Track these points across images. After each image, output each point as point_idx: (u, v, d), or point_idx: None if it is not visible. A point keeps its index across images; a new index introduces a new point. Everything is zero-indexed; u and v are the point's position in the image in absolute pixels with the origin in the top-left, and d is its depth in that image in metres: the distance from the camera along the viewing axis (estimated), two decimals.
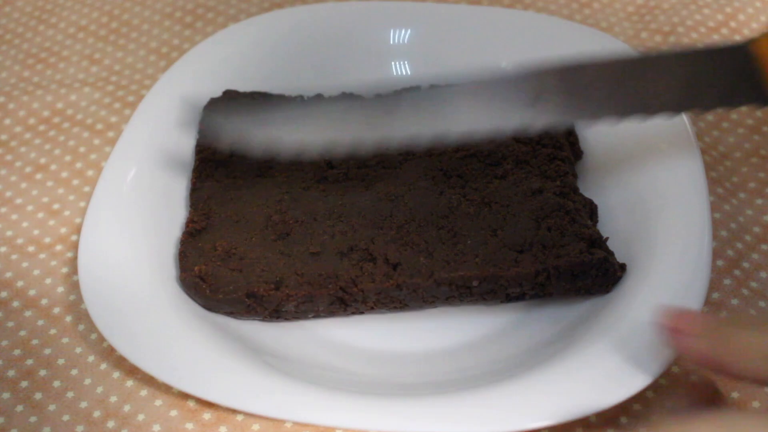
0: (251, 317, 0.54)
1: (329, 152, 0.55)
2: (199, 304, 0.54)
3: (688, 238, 0.51)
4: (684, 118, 0.58)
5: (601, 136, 0.61)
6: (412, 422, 0.46)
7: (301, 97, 0.65)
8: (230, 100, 0.64)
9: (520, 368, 0.49)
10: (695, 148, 0.56)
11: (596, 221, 0.57)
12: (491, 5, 0.74)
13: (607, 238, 0.54)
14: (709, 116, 0.66)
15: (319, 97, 0.64)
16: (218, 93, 0.64)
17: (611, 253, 0.53)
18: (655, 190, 0.55)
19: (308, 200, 0.57)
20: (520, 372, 0.49)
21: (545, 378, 0.47)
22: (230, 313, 0.54)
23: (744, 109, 0.60)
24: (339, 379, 0.51)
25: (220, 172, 0.60)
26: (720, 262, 0.56)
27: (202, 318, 0.53)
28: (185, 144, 0.62)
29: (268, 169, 0.60)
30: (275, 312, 0.53)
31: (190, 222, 0.57)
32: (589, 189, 0.58)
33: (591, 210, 0.57)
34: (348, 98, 0.61)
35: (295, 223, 0.56)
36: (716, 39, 0.72)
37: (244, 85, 0.65)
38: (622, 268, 0.53)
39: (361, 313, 0.54)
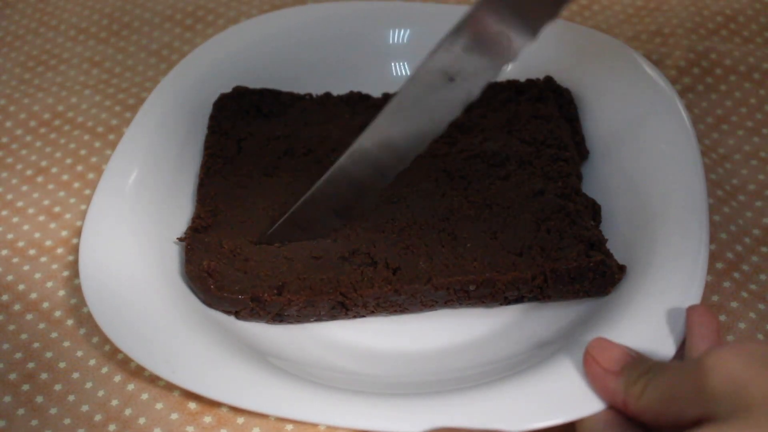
0: (254, 320, 0.54)
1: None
2: (200, 299, 0.54)
3: (686, 242, 0.52)
4: (685, 120, 0.58)
5: (607, 137, 0.61)
6: (411, 422, 0.46)
7: (310, 95, 0.65)
8: (240, 96, 0.64)
9: (521, 367, 0.49)
10: (696, 151, 0.56)
11: (599, 222, 0.57)
12: None
13: (606, 240, 0.54)
14: (709, 119, 0.66)
15: (327, 96, 0.65)
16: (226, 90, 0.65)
17: (610, 256, 0.53)
18: (657, 192, 0.55)
19: None
20: (519, 371, 0.49)
21: (545, 377, 0.47)
22: (231, 313, 0.54)
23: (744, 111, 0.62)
24: (339, 378, 0.51)
25: (227, 169, 0.60)
26: (719, 265, 0.56)
27: (206, 316, 0.53)
28: (192, 141, 0.62)
29: (274, 169, 0.60)
30: (278, 316, 0.53)
31: (196, 218, 0.57)
32: (594, 190, 0.58)
33: (594, 211, 0.56)
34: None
35: None
36: (715, 41, 0.72)
37: (243, 83, 0.65)
38: (622, 269, 0.53)
39: (363, 316, 0.54)
